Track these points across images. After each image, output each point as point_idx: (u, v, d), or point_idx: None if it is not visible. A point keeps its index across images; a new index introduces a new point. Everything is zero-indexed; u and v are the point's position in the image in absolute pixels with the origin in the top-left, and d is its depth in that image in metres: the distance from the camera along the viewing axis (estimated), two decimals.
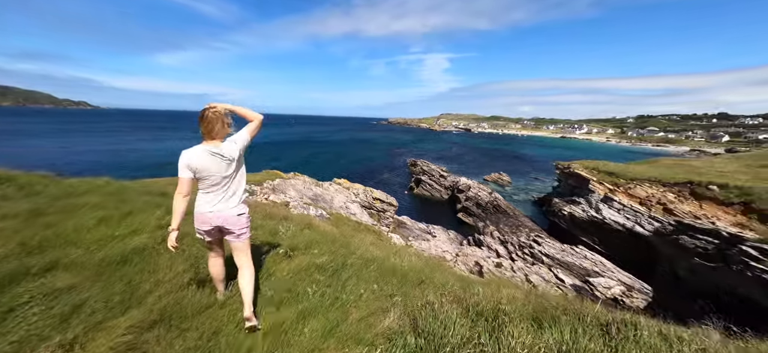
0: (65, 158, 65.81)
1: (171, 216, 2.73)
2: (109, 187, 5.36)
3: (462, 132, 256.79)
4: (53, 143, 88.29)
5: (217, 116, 2.67)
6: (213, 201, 2.72)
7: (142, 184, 6.33)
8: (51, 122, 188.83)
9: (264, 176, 13.76)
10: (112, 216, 3.98)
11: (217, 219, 2.73)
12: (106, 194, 4.91)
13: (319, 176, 43.21)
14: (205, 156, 2.61)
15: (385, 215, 18.19)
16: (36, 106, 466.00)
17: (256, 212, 6.56)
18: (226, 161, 2.69)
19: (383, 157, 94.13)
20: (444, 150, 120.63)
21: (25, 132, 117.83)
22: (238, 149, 2.77)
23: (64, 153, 72.52)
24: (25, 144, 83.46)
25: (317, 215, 10.31)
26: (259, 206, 7.33)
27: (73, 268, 2.89)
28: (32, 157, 64.26)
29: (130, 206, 4.45)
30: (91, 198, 4.60)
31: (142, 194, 5.38)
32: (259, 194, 10.36)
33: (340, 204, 13.79)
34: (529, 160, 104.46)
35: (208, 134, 2.68)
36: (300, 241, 4.22)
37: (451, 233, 21.82)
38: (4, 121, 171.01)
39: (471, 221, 37.81)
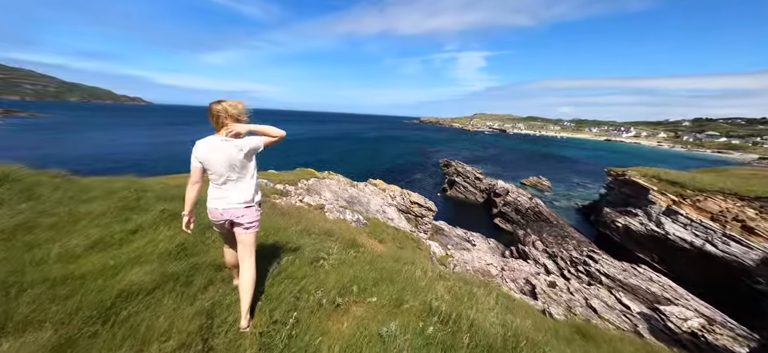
0: (111, 150, 70.76)
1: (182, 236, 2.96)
2: (124, 192, 4.68)
3: (496, 133, 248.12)
4: (106, 136, 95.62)
5: (221, 108, 2.70)
6: (223, 195, 2.75)
7: (165, 186, 5.73)
8: (108, 116, 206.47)
9: (298, 175, 13.15)
10: (112, 236, 3.22)
11: (227, 213, 2.76)
12: (116, 201, 4.27)
13: (352, 175, 42.93)
14: (215, 146, 2.64)
15: (422, 220, 16.98)
16: (98, 101, 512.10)
17: (290, 217, 5.74)
18: (230, 155, 2.66)
19: (415, 156, 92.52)
20: (478, 151, 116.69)
21: (86, 125, 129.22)
22: (248, 147, 2.75)
23: (112, 146, 78.00)
24: (82, 136, 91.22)
25: (354, 220, 9.38)
26: (293, 210, 6.53)
27: (16, 333, 1.98)
28: (82, 149, 69.92)
29: (141, 220, 3.72)
30: (97, 206, 3.95)
31: (160, 200, 4.61)
32: (293, 195, 9.65)
33: (376, 208, 12.84)
34: (571, 164, 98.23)
35: (216, 126, 2.73)
36: (349, 274, 3.22)
37: (491, 242, 20.17)
38: (70, 114, 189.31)
39: (509, 228, 35.51)
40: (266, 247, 3.71)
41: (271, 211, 5.76)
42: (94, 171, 41.80)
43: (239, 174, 2.75)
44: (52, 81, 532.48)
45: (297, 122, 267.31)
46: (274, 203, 6.77)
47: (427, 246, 12.14)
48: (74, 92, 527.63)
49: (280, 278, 2.96)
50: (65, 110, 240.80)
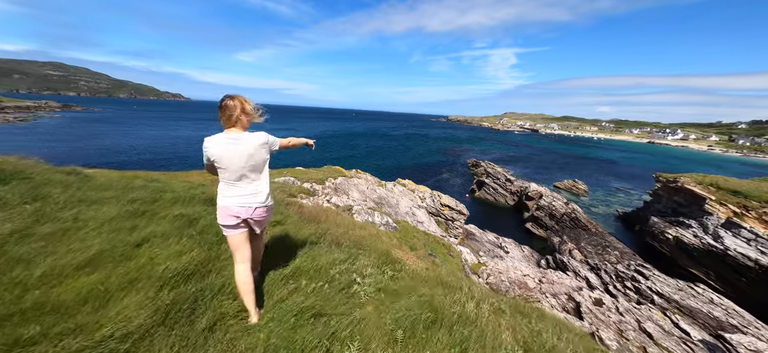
0: (151, 143, 74.79)
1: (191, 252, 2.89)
2: (139, 192, 4.40)
3: (527, 133, 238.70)
4: (150, 130, 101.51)
5: (235, 103, 2.60)
6: (238, 193, 2.65)
7: (189, 184, 5.45)
8: (152, 111, 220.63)
9: (326, 173, 12.81)
10: (113, 249, 2.80)
11: (244, 212, 2.65)
12: (128, 204, 3.93)
13: (379, 173, 42.41)
14: (224, 144, 2.56)
15: (453, 224, 16.11)
16: (143, 98, 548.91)
17: (318, 222, 5.27)
18: (245, 151, 2.59)
19: (441, 155, 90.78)
20: (508, 151, 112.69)
21: (132, 119, 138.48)
22: (260, 145, 2.68)
23: (151, 139, 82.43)
24: (128, 130, 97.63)
25: (383, 223, 8.83)
26: (320, 214, 6.07)
27: None
28: (127, 141, 74.58)
29: (150, 228, 3.35)
30: (107, 210, 3.61)
31: (178, 202, 4.24)
32: (321, 194, 9.26)
33: (405, 209, 12.22)
34: (610, 167, 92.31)
35: (227, 122, 2.62)
36: (391, 311, 2.62)
37: (525, 250, 18.92)
38: (119, 109, 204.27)
39: (542, 234, 33.61)
40: (293, 265, 3.21)
41: (298, 215, 5.32)
42: (131, 164, 43.85)
43: (257, 171, 2.69)
44: (103, 78, 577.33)
45: (325, 119, 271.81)
46: (301, 204, 6.36)
47: (458, 253, 11.37)
48: (122, 89, 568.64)
49: (305, 316, 2.42)
50: (114, 105, 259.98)
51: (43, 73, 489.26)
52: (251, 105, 2.67)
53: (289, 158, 63.91)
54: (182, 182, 5.40)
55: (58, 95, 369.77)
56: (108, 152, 58.68)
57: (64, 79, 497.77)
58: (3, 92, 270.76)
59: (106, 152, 58.93)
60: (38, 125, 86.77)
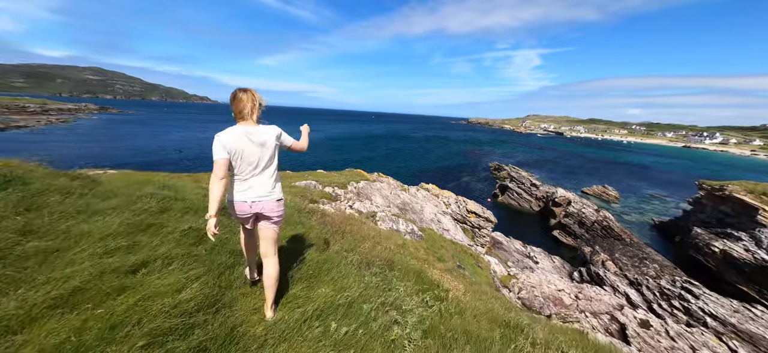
0: (178, 144, 77.39)
1: (194, 284, 2.59)
2: (147, 201, 3.92)
3: (551, 136, 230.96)
4: (179, 131, 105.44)
5: (249, 97, 2.60)
6: (250, 188, 2.64)
7: (204, 191, 5.11)
8: (182, 112, 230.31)
9: (347, 176, 12.40)
10: (101, 277, 2.32)
11: (256, 206, 2.65)
12: (132, 215, 3.47)
13: (399, 176, 41.73)
14: (240, 138, 2.53)
15: (480, 232, 15.27)
16: (173, 101, 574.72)
17: (342, 234, 4.79)
18: (261, 145, 2.59)
19: (462, 158, 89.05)
20: (532, 154, 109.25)
21: (163, 121, 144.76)
22: (275, 138, 2.69)
23: (182, 141, 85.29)
24: (157, 132, 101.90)
25: (408, 231, 8.27)
26: (344, 222, 5.60)
27: None
28: (156, 141, 77.58)
29: (151, 249, 2.88)
30: (107, 223, 3.19)
31: (189, 212, 3.81)
32: (343, 200, 8.82)
33: (430, 216, 11.59)
34: (642, 172, 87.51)
35: (239, 115, 2.61)
36: None
37: (555, 260, 17.76)
38: (150, 112, 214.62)
39: (571, 242, 31.88)
40: (318, 298, 2.72)
41: (321, 225, 4.86)
42: (159, 165, 45.19)
43: (270, 164, 2.67)
44: (137, 82, 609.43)
45: (345, 121, 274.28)
46: (324, 212, 5.92)
47: (486, 264, 10.62)
48: (154, 92, 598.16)
49: None
50: (147, 107, 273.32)
51: (83, 78, 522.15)
52: (259, 98, 2.67)
53: (310, 160, 64.55)
54: (197, 188, 5.03)
55: (96, 97, 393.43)
56: (139, 152, 61.24)
57: (102, 83, 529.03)
58: (47, 95, 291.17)
59: (138, 152, 61.40)
60: (77, 126, 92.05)
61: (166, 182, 4.56)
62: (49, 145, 60.62)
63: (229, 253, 3.24)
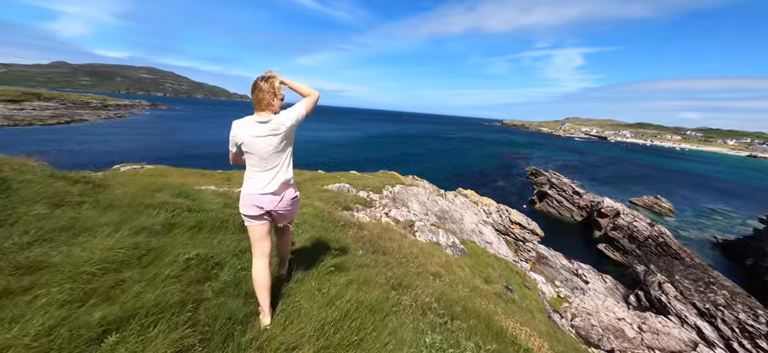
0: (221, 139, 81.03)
1: None
2: (159, 212, 3.36)
3: (594, 140, 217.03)
4: (222, 127, 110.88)
5: (268, 86, 2.42)
6: (263, 182, 2.48)
7: (227, 199, 4.60)
8: (222, 109, 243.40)
9: (382, 179, 11.77)
10: (59, 349, 1.62)
11: (269, 203, 2.49)
12: (131, 235, 2.83)
13: (432, 177, 40.53)
14: (252, 128, 2.39)
15: (525, 246, 13.98)
16: (215, 98, 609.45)
17: (384, 253, 4.14)
18: (275, 136, 2.42)
19: (496, 161, 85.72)
20: (571, 159, 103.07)
21: (206, 117, 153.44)
22: (289, 123, 2.48)
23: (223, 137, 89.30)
24: (201, 127, 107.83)
25: (449, 244, 7.46)
26: (382, 235, 4.95)
27: None
28: (199, 135, 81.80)
29: (142, 287, 2.26)
30: (94, 247, 2.51)
31: (204, 231, 3.33)
32: (378, 206, 8.19)
33: (471, 226, 10.67)
34: (699, 182, 79.48)
35: (257, 105, 2.45)
36: None
37: (607, 280, 15.92)
38: (196, 109, 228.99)
39: (620, 258, 29.18)
40: None
41: (357, 242, 4.23)
42: (202, 159, 47.13)
43: (284, 159, 2.55)
44: (185, 81, 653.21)
45: (378, 121, 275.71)
46: (360, 224, 5.31)
47: (533, 283, 9.53)
48: (200, 90, 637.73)
49: None
50: (192, 104, 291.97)
51: (138, 77, 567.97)
52: (278, 89, 2.46)
53: (340, 159, 65.00)
54: (218, 197, 4.52)
55: (149, 95, 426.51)
56: (185, 146, 65.03)
57: (154, 82, 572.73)
58: (107, 92, 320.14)
59: (184, 145, 64.95)
60: (131, 122, 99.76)
61: (183, 189, 4.06)
62: (104, 137, 65.97)
63: (243, 296, 2.56)
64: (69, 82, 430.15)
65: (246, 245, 3.25)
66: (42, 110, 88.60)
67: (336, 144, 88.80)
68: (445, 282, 4.19)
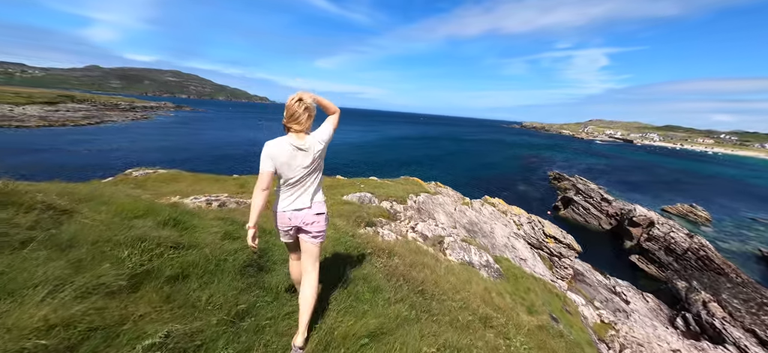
0: (243, 140, 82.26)
1: None
2: (134, 254, 2.52)
3: (618, 143, 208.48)
4: (244, 130, 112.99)
5: (305, 107, 2.47)
6: (293, 199, 2.55)
7: (232, 222, 3.92)
8: (242, 111, 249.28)
9: (405, 187, 10.98)
10: None
11: (296, 218, 2.55)
12: (74, 300, 1.86)
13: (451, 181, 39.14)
14: (288, 150, 2.45)
15: (561, 261, 12.81)
16: (236, 100, 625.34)
17: (422, 290, 3.38)
18: (309, 156, 2.48)
19: (516, 165, 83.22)
20: (596, 162, 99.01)
21: (228, 118, 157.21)
22: (322, 144, 2.57)
23: (245, 138, 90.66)
24: (223, 126, 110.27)
25: (483, 264, 6.60)
26: (416, 261, 4.18)
27: None
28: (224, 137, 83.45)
29: None
30: (18, 323, 1.57)
31: (193, 276, 2.57)
32: (403, 218, 7.42)
33: (502, 240, 9.73)
34: (737, 189, 74.43)
35: (296, 125, 2.47)
36: None
37: (648, 299, 14.42)
38: (218, 110, 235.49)
39: (655, 272, 27.19)
40: None
41: (387, 276, 3.48)
42: (223, 159, 47.39)
43: (314, 176, 2.58)
44: (208, 84, 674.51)
45: (395, 123, 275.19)
46: (390, 246, 4.58)
47: (573, 306, 8.50)
48: (222, 92, 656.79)
49: None
50: (215, 106, 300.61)
51: (164, 80, 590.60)
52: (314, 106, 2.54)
53: (360, 164, 64.61)
54: (219, 222, 3.76)
55: (174, 97, 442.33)
56: (204, 148, 66.39)
57: (179, 84, 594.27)
58: (136, 94, 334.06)
59: (203, 147, 66.09)
60: (156, 122, 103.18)
61: (173, 213, 3.30)
62: (129, 138, 68.21)
63: None
64: (101, 85, 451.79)
65: (246, 306, 2.55)
66: (75, 112, 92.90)
67: (354, 146, 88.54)
68: (497, 330, 3.39)
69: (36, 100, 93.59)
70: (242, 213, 4.64)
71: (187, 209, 3.89)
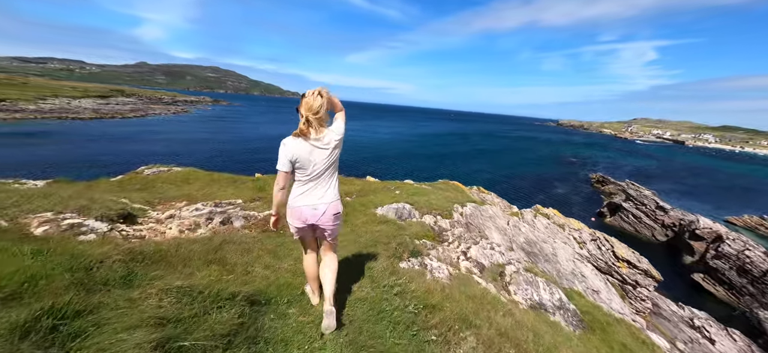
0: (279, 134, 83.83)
1: None
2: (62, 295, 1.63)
3: (666, 144, 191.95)
4: (278, 125, 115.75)
5: (323, 103, 2.43)
6: (310, 195, 2.51)
7: (219, 266, 2.84)
8: (275, 106, 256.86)
9: (446, 194, 9.43)
10: None
11: (312, 216, 2.51)
12: None
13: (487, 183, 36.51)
14: (306, 145, 2.42)
15: (635, 292, 10.72)
16: (270, 95, 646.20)
17: None
18: (327, 152, 2.47)
19: (553, 165, 78.22)
20: (644, 166, 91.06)
21: (262, 112, 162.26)
22: (338, 137, 2.54)
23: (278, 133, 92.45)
24: (258, 121, 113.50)
25: (556, 305, 5.07)
26: (493, 335, 2.83)
27: None
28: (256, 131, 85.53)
29: None
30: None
31: (154, 324, 1.56)
32: (451, 239, 5.96)
33: (567, 265, 7.99)
34: None
35: (317, 120, 2.43)
36: None
37: (736, 337, 11.93)
38: (253, 105, 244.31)
39: (724, 295, 23.78)
40: None
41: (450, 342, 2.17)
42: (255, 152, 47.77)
43: (331, 173, 2.56)
44: (244, 79, 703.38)
45: (425, 119, 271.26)
46: (441, 287, 3.28)
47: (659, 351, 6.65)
48: (256, 88, 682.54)
49: None
50: (249, 101, 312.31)
51: (204, 75, 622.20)
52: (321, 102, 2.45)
53: (393, 156, 63.41)
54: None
55: (212, 91, 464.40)
56: (242, 140, 68.28)
57: (217, 80, 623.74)
58: (178, 89, 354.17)
59: (231, 142, 67.30)
60: (194, 116, 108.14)
61: (141, 250, 2.32)
62: (165, 129, 71.51)
63: None
64: (148, 80, 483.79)
65: None
66: (123, 105, 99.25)
67: (385, 144, 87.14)
68: None
69: (90, 94, 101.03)
70: (240, 251, 3.45)
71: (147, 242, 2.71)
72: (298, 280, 2.94)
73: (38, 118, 64.65)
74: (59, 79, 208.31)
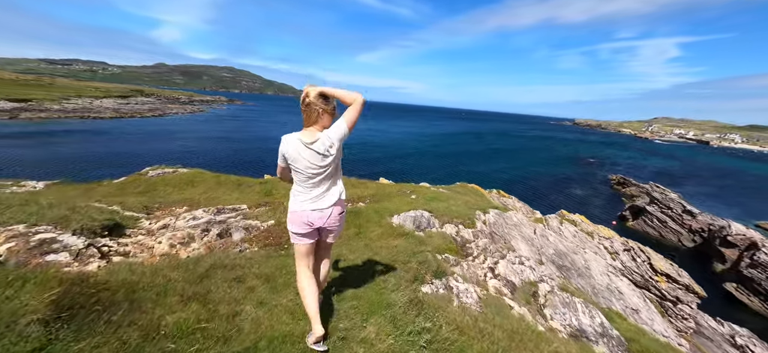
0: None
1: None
2: None
3: (689, 144, 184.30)
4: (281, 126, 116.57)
5: (307, 103, 2.31)
6: (311, 198, 2.41)
7: None
8: (288, 105, 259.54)
9: (465, 199, 8.80)
10: None
11: (318, 219, 2.43)
12: None
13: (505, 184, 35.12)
14: (297, 146, 2.31)
15: (676, 308, 9.81)
16: (283, 95, 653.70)
17: None
18: (319, 156, 2.31)
19: (570, 166, 75.89)
20: (667, 166, 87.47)
21: (276, 111, 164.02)
22: (332, 143, 2.31)
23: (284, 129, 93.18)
24: (273, 119, 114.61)
25: (597, 332, 4.44)
26: None
27: None
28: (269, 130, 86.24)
29: None
30: None
31: None
32: (477, 252, 5.35)
33: (602, 280, 7.25)
34: None
35: (306, 122, 2.37)
36: None
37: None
38: (266, 104, 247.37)
39: (758, 306, 22.27)
40: None
41: None
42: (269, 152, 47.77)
43: (333, 174, 2.45)
44: (258, 79, 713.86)
45: (437, 118, 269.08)
46: (474, 321, 2.72)
47: None
48: (270, 88, 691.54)
49: None
50: (263, 100, 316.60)
51: (220, 76, 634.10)
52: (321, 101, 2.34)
53: (406, 155, 62.73)
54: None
55: (228, 91, 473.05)
56: (255, 139, 68.89)
57: (232, 80, 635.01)
58: (195, 89, 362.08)
59: (242, 142, 67.65)
60: (209, 115, 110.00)
61: (93, 288, 1.78)
62: (180, 128, 72.75)
63: None
64: (166, 81, 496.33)
65: None
66: (142, 105, 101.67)
67: (397, 143, 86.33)
68: None
69: (111, 94, 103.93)
70: (229, 281, 2.91)
71: None
72: (300, 327, 2.35)
73: (62, 117, 66.79)
74: (83, 79, 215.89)
